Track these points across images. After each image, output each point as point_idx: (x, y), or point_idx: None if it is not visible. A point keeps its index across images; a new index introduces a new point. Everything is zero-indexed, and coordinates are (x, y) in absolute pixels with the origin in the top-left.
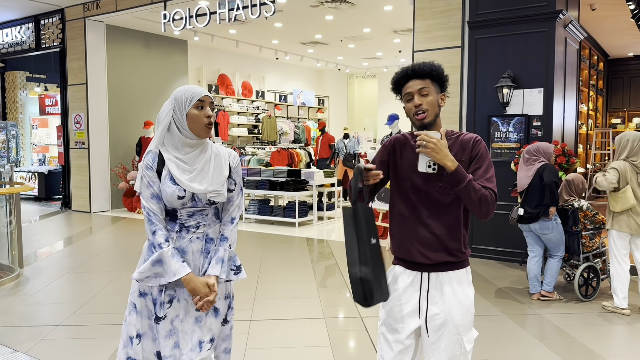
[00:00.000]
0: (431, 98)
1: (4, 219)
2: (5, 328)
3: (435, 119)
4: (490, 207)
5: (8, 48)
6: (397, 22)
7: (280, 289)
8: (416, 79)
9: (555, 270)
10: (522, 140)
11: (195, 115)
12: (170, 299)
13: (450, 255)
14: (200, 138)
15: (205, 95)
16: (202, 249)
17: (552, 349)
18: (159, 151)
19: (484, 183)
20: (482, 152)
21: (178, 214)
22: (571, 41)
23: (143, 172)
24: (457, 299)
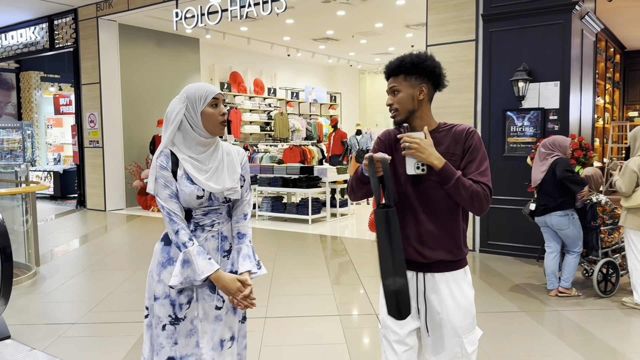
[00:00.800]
0: (401, 95)
1: (20, 217)
2: (23, 326)
3: (409, 115)
4: (483, 203)
5: (23, 48)
6: (409, 16)
7: (295, 286)
8: (391, 76)
9: (573, 266)
10: (538, 135)
11: (210, 114)
12: (189, 299)
13: (448, 253)
14: (215, 136)
15: (219, 92)
16: (217, 247)
17: (571, 346)
18: (170, 151)
19: (476, 177)
20: (476, 143)
21: (193, 213)
22: (587, 33)
23: (158, 173)
24: (455, 301)
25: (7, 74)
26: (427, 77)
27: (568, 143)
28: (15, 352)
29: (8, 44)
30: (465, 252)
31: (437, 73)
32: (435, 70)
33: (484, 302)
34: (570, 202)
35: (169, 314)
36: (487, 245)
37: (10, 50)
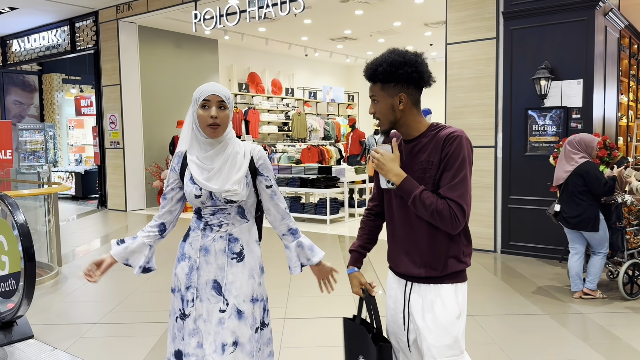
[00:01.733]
0: (380, 105)
1: (42, 218)
2: (45, 326)
3: (392, 125)
4: (447, 222)
5: (45, 51)
6: (428, 14)
7: (313, 288)
8: (371, 82)
9: (599, 267)
10: (561, 134)
11: (200, 116)
12: (193, 297)
13: (429, 269)
14: (209, 138)
15: (212, 94)
16: (225, 248)
17: (596, 349)
18: (184, 153)
19: (444, 192)
20: (453, 151)
21: (202, 212)
22: (611, 30)
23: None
24: (433, 316)
25: (30, 76)
26: (406, 82)
27: (595, 143)
28: (38, 351)
29: (31, 47)
30: (452, 267)
31: (416, 77)
32: (413, 75)
33: (507, 304)
34: (597, 204)
35: (179, 307)
36: (508, 246)
37: (33, 53)
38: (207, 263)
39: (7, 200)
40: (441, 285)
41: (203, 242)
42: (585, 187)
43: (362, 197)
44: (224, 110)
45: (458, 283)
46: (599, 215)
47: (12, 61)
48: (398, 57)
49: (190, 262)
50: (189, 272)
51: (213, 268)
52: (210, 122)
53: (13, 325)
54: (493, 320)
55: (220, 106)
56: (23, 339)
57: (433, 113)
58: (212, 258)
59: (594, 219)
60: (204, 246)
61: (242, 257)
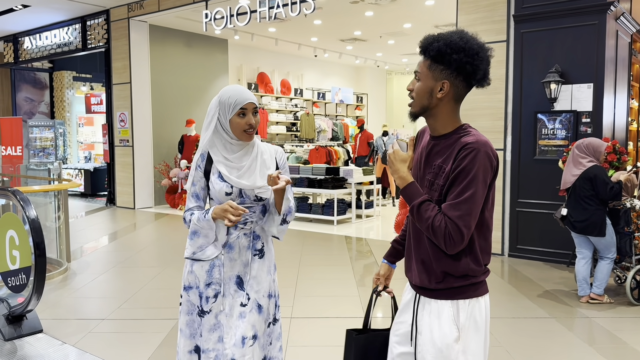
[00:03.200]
0: (420, 85)
1: (52, 214)
2: (54, 320)
3: (423, 111)
4: (441, 241)
5: (56, 49)
6: (438, 16)
7: (320, 287)
8: (422, 56)
9: (606, 272)
10: (570, 138)
11: (236, 123)
12: (216, 293)
13: (435, 280)
14: (243, 141)
15: (249, 102)
16: (248, 245)
17: (602, 353)
18: (207, 152)
19: (446, 209)
20: (466, 165)
21: None
22: (622, 34)
23: (191, 172)
24: (431, 336)
25: (40, 73)
26: (456, 71)
27: (603, 148)
28: (47, 346)
29: (42, 45)
30: (456, 281)
31: (469, 70)
32: (466, 67)
33: (513, 307)
34: (604, 209)
35: (197, 304)
36: (516, 250)
37: (44, 50)
38: (231, 260)
39: (19, 195)
40: (441, 300)
41: (228, 239)
42: (592, 192)
43: (369, 198)
44: (256, 115)
45: (460, 300)
46: (605, 220)
47: (23, 58)
48: (460, 41)
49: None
50: (210, 270)
51: (237, 264)
52: (246, 128)
53: (23, 319)
54: (500, 323)
55: (254, 112)
56: (32, 333)
57: None
58: (237, 255)
59: (600, 224)
60: (228, 244)
61: (262, 254)
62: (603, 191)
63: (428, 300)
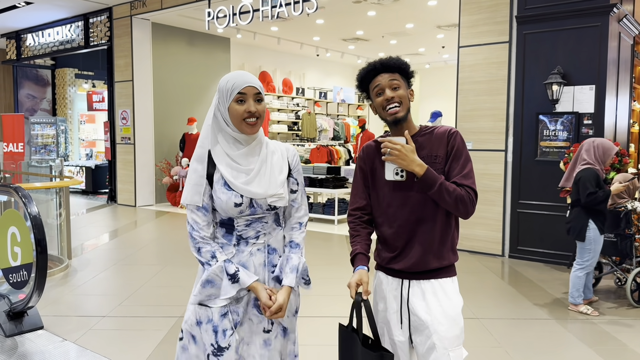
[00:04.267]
0: (402, 92)
1: (54, 211)
2: (55, 317)
3: (407, 114)
4: (468, 206)
5: (59, 46)
6: (441, 17)
7: (320, 287)
8: (385, 72)
9: (574, 281)
10: (572, 139)
11: (234, 110)
12: (235, 323)
13: (434, 259)
14: (245, 134)
15: (249, 86)
16: (264, 262)
17: (602, 355)
18: (208, 152)
19: (460, 180)
20: (458, 145)
21: (235, 224)
22: (625, 36)
23: (189, 177)
24: (442, 309)
25: (43, 70)
26: (408, 84)
27: (614, 152)
28: (48, 342)
29: (45, 42)
30: (453, 259)
31: (411, 84)
32: (411, 82)
33: (513, 308)
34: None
35: (211, 342)
36: (516, 251)
37: (46, 47)
38: None
39: (21, 192)
40: (443, 279)
41: (238, 258)
42: (577, 195)
43: None
44: (260, 103)
45: (454, 276)
46: (586, 226)
47: (26, 55)
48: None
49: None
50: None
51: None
52: (247, 116)
53: (24, 316)
54: (500, 323)
55: (257, 99)
56: (33, 330)
57: (443, 116)
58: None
59: (580, 228)
60: (240, 263)
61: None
62: (582, 195)
63: (428, 281)
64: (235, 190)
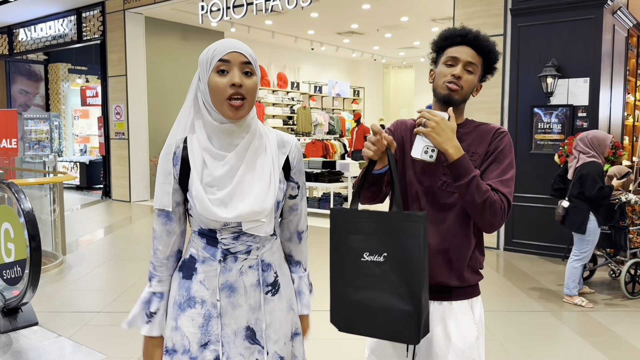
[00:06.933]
0: (472, 78)
1: (48, 207)
2: (50, 313)
3: (463, 101)
4: (497, 216)
5: (51, 41)
6: (435, 10)
7: (316, 281)
8: (472, 48)
9: (571, 272)
10: (567, 132)
11: (214, 84)
12: (216, 356)
13: (450, 276)
14: (228, 119)
15: (233, 51)
16: (258, 282)
17: (596, 347)
18: (182, 146)
19: (496, 185)
20: (505, 147)
21: (218, 236)
22: (619, 29)
23: (158, 177)
24: (448, 340)
25: (36, 65)
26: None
27: (609, 141)
28: (42, 338)
29: (37, 36)
30: (474, 278)
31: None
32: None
33: (508, 301)
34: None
35: None
36: (511, 244)
37: (39, 42)
38: (235, 306)
39: (13, 187)
40: (457, 302)
41: (225, 278)
42: (581, 188)
43: None
44: (250, 77)
45: (474, 298)
46: (587, 217)
47: (18, 50)
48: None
49: (206, 308)
50: (205, 323)
51: (244, 311)
52: (231, 92)
53: (18, 312)
54: (494, 316)
55: (245, 70)
56: (27, 326)
57: None
58: (242, 299)
59: (581, 221)
60: (227, 284)
61: (277, 288)
62: (590, 189)
63: (438, 303)
64: (202, 212)
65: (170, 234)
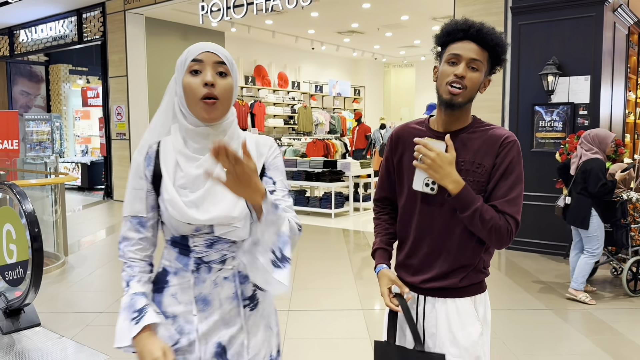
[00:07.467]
0: (477, 76)
1: (49, 208)
2: (52, 314)
3: (468, 102)
4: (503, 239)
5: (52, 42)
6: (436, 8)
7: (317, 280)
8: (475, 43)
9: (584, 267)
10: (568, 130)
11: (187, 84)
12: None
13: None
14: (203, 120)
15: (206, 52)
16: (234, 295)
17: (598, 344)
18: (156, 148)
19: (502, 206)
20: (512, 160)
21: (190, 243)
22: (620, 26)
23: (129, 181)
24: (453, 338)
25: (37, 66)
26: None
27: (610, 139)
28: (45, 339)
29: (38, 37)
30: (477, 277)
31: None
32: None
33: (510, 299)
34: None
35: None
36: (513, 242)
37: (40, 43)
38: (208, 321)
39: (15, 189)
40: (460, 299)
41: (199, 290)
42: (584, 184)
43: (367, 191)
44: (225, 77)
45: (477, 295)
46: (590, 213)
47: (19, 51)
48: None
49: (177, 323)
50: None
51: (218, 326)
52: (203, 92)
53: (20, 313)
54: (496, 315)
55: (219, 71)
56: (30, 327)
57: None
58: (217, 312)
59: (583, 216)
60: (200, 296)
61: (256, 302)
62: (593, 185)
63: (442, 300)
64: (173, 213)
65: (144, 241)
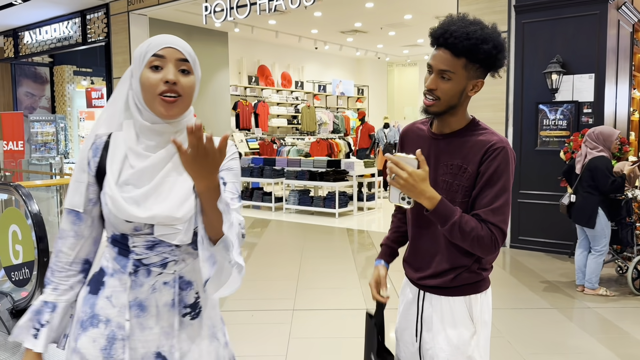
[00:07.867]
0: (450, 86)
1: (54, 209)
2: None
3: (448, 110)
4: (487, 250)
5: (56, 43)
6: (439, 7)
7: (322, 280)
8: (445, 50)
9: (594, 267)
10: (572, 129)
11: (146, 80)
12: None
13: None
14: (163, 118)
15: (168, 47)
16: (173, 302)
17: (603, 343)
18: (105, 139)
19: (485, 215)
20: (497, 168)
21: (130, 243)
22: (624, 24)
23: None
24: (445, 335)
25: (41, 68)
26: (487, 67)
27: (614, 137)
28: None
29: (42, 39)
30: (471, 277)
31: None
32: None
33: (515, 298)
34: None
35: None
36: (517, 241)
37: (44, 44)
38: (144, 328)
39: (21, 190)
40: (453, 297)
41: (135, 294)
42: (592, 182)
43: (370, 190)
44: (187, 75)
45: (473, 295)
46: (596, 212)
47: (23, 53)
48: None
49: (110, 328)
50: (108, 346)
51: (154, 335)
52: (164, 89)
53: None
54: (501, 313)
55: (181, 68)
56: None
57: None
58: (153, 320)
59: (590, 215)
60: (136, 301)
61: (198, 311)
62: (603, 183)
63: (437, 297)
64: (112, 209)
65: (79, 237)
